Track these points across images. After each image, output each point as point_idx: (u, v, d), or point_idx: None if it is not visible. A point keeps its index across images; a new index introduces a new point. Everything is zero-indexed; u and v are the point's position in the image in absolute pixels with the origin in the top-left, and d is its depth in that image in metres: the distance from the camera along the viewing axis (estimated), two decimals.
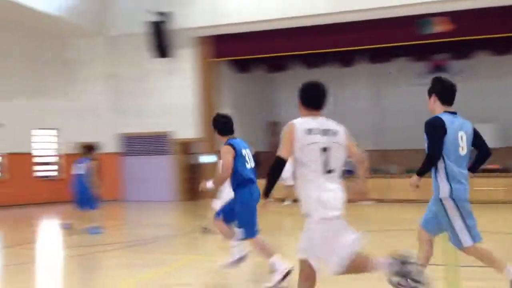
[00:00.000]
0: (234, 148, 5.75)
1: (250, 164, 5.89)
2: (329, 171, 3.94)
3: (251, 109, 21.36)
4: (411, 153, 12.87)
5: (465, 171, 4.64)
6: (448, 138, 4.56)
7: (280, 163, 3.90)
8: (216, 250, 8.85)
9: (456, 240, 4.60)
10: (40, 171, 19.08)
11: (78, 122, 19.82)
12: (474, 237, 4.57)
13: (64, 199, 19.01)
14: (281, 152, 3.93)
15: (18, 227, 12.45)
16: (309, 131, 3.95)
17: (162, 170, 17.95)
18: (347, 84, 21.37)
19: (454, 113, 4.72)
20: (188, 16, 18.03)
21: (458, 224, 4.56)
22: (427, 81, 5.14)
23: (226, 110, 19.33)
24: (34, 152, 18.86)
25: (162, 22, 17.93)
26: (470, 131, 4.71)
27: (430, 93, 4.85)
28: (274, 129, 23.27)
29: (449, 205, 4.56)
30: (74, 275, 6.69)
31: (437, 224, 4.75)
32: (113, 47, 19.60)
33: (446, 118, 4.62)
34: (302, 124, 3.99)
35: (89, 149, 10.40)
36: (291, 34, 17.53)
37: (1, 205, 17.02)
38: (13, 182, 17.76)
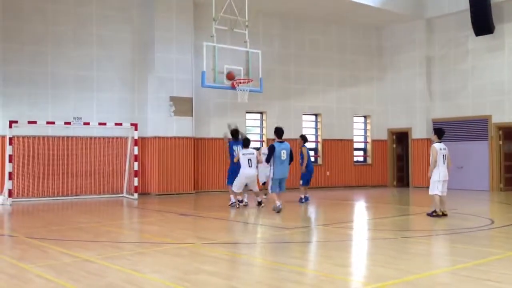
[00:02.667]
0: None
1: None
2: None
3: None
4: None
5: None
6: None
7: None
8: None
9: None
10: (356, 156, 20.20)
11: (390, 108, 20.20)
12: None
13: (370, 183, 19.83)
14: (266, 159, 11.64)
15: (335, 206, 13.48)
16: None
17: (479, 157, 16.63)
18: None
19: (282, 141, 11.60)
20: None
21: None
22: None
23: None
24: (354, 139, 20.08)
25: None
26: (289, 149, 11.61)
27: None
28: None
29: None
30: (379, 256, 6.84)
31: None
32: (430, 29, 19.17)
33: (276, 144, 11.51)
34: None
35: (303, 138, 13.78)
36: None
37: (321, 187, 18.79)
38: (332, 167, 19.32)
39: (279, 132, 11.72)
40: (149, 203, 14.16)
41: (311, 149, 19.42)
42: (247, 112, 17.97)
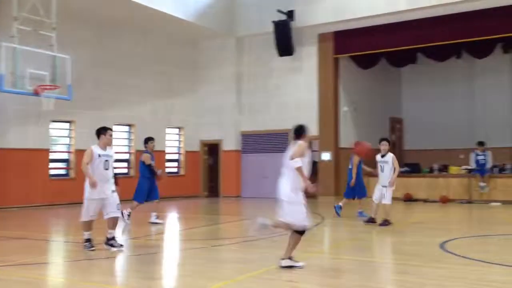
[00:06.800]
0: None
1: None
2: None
3: (372, 105, 20.72)
4: None
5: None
6: None
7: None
8: (331, 247, 8.66)
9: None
10: (168, 167, 20.20)
11: (202, 120, 20.79)
12: None
13: (183, 194, 20.13)
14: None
15: (146, 219, 13.29)
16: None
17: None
18: (484, 77, 20.07)
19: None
20: (311, 14, 17.98)
21: None
22: None
23: (346, 107, 19.06)
24: (167, 150, 20.06)
25: (286, 20, 18.08)
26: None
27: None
28: (396, 125, 22.32)
29: None
30: (188, 266, 6.95)
31: None
32: (240, 47, 20.24)
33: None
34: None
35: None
36: (417, 26, 16.66)
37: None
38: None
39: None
40: None
41: (125, 160, 18.91)
42: (53, 121, 16.72)
